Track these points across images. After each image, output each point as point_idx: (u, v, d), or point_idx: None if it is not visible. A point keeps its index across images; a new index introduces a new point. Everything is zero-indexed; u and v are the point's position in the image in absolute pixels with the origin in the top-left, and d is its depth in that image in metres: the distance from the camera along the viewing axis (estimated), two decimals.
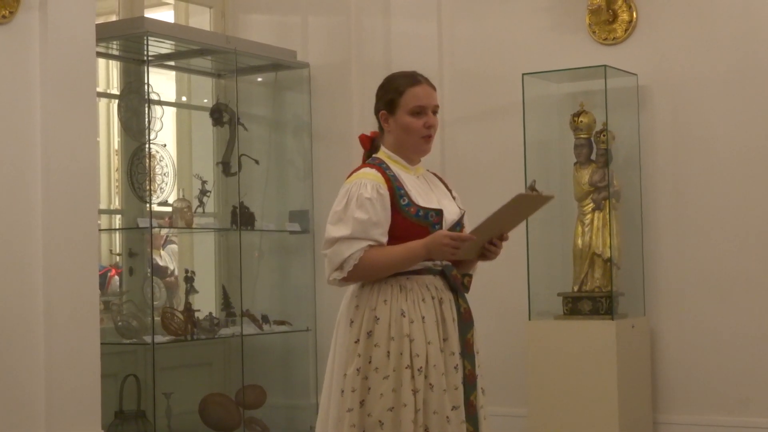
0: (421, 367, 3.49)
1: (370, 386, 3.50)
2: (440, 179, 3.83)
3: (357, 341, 3.54)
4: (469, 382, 3.59)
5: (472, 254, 3.64)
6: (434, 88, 3.72)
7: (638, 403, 6.06)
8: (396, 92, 3.66)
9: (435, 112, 3.69)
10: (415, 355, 3.49)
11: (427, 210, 3.59)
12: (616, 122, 6.19)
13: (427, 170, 3.80)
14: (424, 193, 3.65)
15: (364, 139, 3.81)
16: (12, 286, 5.13)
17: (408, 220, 3.56)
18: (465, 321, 3.64)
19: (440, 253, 3.54)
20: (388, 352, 3.49)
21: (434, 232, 3.56)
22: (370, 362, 3.50)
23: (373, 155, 3.73)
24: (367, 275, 3.55)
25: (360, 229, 3.50)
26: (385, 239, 3.54)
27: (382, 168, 3.62)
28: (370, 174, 3.59)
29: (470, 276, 3.72)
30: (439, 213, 3.60)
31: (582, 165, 6.19)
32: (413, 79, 3.69)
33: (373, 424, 3.47)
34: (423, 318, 3.54)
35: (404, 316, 3.52)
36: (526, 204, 3.69)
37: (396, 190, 3.57)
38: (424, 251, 3.53)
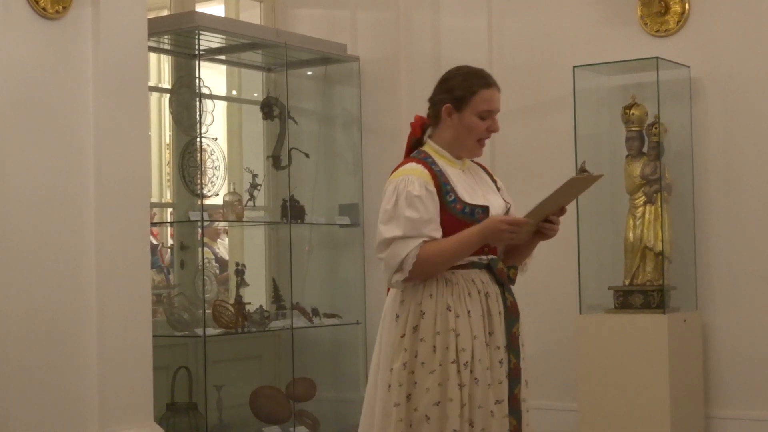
0: (467, 362, 3.47)
1: (416, 381, 3.48)
2: (485, 169, 3.79)
3: (403, 336, 3.52)
4: (514, 376, 3.58)
5: (526, 237, 3.61)
6: (500, 91, 3.67)
7: (690, 398, 6.01)
8: (468, 91, 3.60)
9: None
10: (461, 350, 3.47)
11: (473, 207, 3.55)
12: (668, 115, 6.14)
13: (472, 161, 3.76)
14: (470, 188, 3.61)
15: (416, 125, 3.71)
16: (65, 280, 5.18)
17: (454, 217, 3.53)
18: (511, 314, 3.62)
19: (498, 239, 3.51)
20: (434, 346, 3.48)
21: (488, 218, 3.52)
22: (416, 357, 3.49)
23: (418, 149, 3.68)
24: (428, 271, 3.50)
25: (412, 227, 3.47)
26: (439, 234, 3.50)
27: (427, 162, 3.58)
28: (417, 170, 3.55)
29: (515, 268, 3.69)
30: (485, 210, 3.57)
31: (633, 158, 6.15)
32: (486, 80, 3.63)
33: (419, 419, 3.46)
34: (469, 312, 3.52)
35: (450, 311, 3.50)
36: (578, 185, 3.67)
37: (442, 186, 3.54)
38: (480, 237, 3.50)
